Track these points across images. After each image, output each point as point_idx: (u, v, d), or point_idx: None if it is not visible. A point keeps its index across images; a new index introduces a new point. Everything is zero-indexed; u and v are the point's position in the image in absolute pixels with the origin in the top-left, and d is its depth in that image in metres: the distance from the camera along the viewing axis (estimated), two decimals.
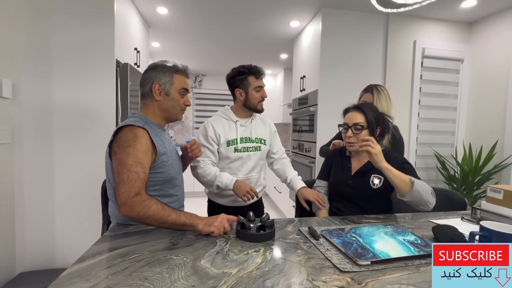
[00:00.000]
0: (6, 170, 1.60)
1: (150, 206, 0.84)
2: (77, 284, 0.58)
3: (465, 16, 2.53)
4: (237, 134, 1.33)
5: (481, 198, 2.32)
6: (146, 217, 0.84)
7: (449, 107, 2.66)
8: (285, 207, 3.50)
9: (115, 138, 0.94)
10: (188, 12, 2.56)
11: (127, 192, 0.84)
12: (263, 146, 1.40)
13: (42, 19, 1.74)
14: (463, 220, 1.10)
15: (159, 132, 1.04)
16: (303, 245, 0.82)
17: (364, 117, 1.18)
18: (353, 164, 1.27)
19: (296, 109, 3.09)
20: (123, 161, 0.88)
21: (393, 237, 0.86)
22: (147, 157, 0.93)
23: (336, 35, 2.44)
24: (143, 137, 0.93)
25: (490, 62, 2.46)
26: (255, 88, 1.32)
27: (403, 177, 1.04)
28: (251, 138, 1.36)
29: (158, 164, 0.98)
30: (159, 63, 1.08)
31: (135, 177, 0.87)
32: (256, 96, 1.33)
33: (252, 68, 1.32)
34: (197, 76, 5.04)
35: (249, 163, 1.36)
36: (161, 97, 1.04)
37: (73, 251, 1.82)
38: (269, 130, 1.45)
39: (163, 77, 1.04)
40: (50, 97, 1.78)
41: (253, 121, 1.39)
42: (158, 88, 1.03)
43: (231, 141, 1.32)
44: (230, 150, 1.32)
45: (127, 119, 1.01)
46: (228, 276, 0.62)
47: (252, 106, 1.34)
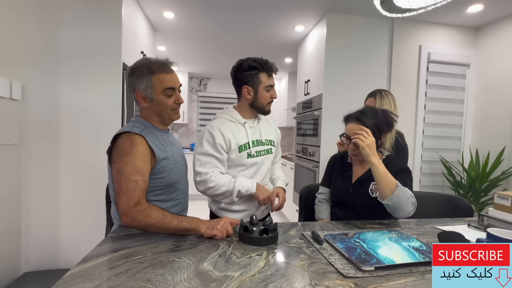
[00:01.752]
0: (14, 170, 1.63)
1: (151, 214, 0.84)
2: (80, 284, 0.58)
3: (471, 21, 2.51)
4: (248, 137, 1.17)
5: (489, 205, 2.27)
6: (147, 225, 0.84)
7: (456, 112, 2.64)
8: (288, 211, 3.48)
9: (113, 145, 0.93)
10: (194, 17, 2.59)
11: (127, 202, 0.84)
12: (273, 148, 1.28)
13: (51, 22, 1.78)
14: (470, 227, 1.08)
15: (160, 135, 1.02)
16: (306, 249, 0.81)
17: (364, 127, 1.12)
18: (354, 171, 1.23)
19: (300, 113, 3.09)
20: (121, 170, 0.88)
21: (398, 243, 0.85)
22: (146, 164, 0.92)
23: (341, 39, 2.44)
24: (140, 144, 0.92)
25: (497, 67, 2.44)
26: (266, 87, 1.16)
27: (389, 178, 1.00)
28: (262, 141, 1.22)
29: (158, 169, 0.97)
30: (137, 65, 1.00)
31: (134, 186, 0.86)
32: (266, 96, 1.17)
33: (265, 63, 1.15)
34: (202, 80, 5.08)
35: (262, 169, 1.22)
36: (147, 103, 0.99)
37: (77, 252, 1.83)
38: (275, 131, 1.34)
39: (141, 82, 0.97)
40: (58, 99, 1.81)
41: (259, 121, 1.25)
42: (140, 95, 0.98)
43: (243, 146, 1.16)
44: (243, 157, 1.16)
45: (126, 124, 1.00)
46: (230, 279, 0.62)
47: (260, 107, 1.19)
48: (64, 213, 1.86)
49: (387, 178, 1.00)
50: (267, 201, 1.15)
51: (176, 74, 1.05)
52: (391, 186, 0.99)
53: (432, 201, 1.42)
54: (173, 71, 1.03)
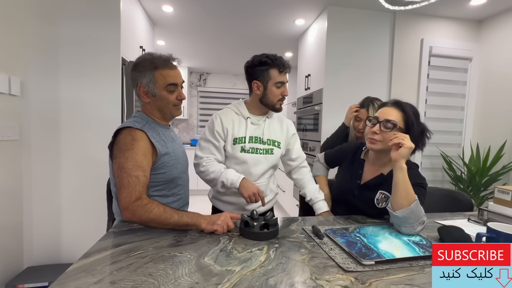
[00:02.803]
0: (14, 166, 1.63)
1: (152, 209, 0.84)
2: (82, 279, 0.59)
3: (474, 14, 2.48)
4: (246, 132, 1.18)
5: (489, 200, 2.28)
6: (148, 220, 0.85)
7: (457, 106, 2.62)
8: (288, 205, 3.50)
9: (114, 140, 0.93)
10: (193, 11, 2.56)
11: (128, 197, 0.85)
12: (276, 149, 1.23)
13: (50, 17, 1.76)
14: (470, 221, 1.08)
15: (161, 131, 1.02)
16: (306, 244, 0.82)
17: (402, 116, 0.99)
18: (365, 171, 1.12)
19: (301, 107, 3.08)
20: (122, 165, 0.88)
21: (398, 238, 0.86)
22: (147, 159, 0.92)
23: (342, 33, 2.42)
24: (141, 140, 0.92)
25: (499, 61, 2.41)
26: (276, 83, 1.15)
27: (410, 189, 0.89)
28: (262, 139, 1.20)
29: (159, 165, 0.97)
30: (140, 60, 0.99)
31: (135, 181, 0.86)
32: (276, 92, 1.16)
33: (277, 59, 1.15)
34: (201, 74, 5.04)
35: (258, 168, 1.20)
36: (149, 98, 0.99)
37: (79, 247, 1.84)
38: (285, 131, 1.27)
39: (144, 77, 0.97)
40: (57, 94, 1.81)
41: (267, 119, 1.23)
42: (143, 90, 0.98)
43: (238, 139, 1.17)
44: (236, 150, 1.17)
45: (128, 119, 0.99)
46: (231, 274, 0.62)
47: (270, 103, 1.18)
48: (65, 208, 1.86)
49: (408, 189, 0.89)
50: (254, 199, 1.07)
51: (179, 70, 1.05)
52: (410, 198, 0.88)
53: (432, 195, 1.42)
54: (176, 67, 1.03)
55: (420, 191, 0.96)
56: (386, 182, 1.02)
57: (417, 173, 1.03)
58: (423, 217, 0.89)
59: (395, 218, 0.90)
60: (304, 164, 1.33)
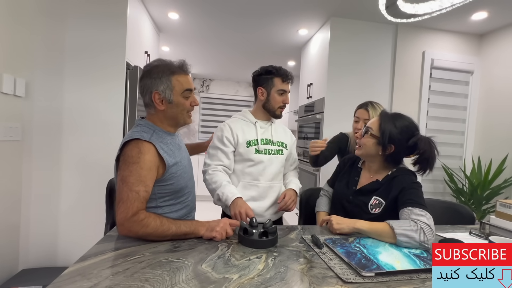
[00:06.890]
0: (16, 167, 1.63)
1: (148, 224, 0.82)
2: (78, 282, 0.58)
3: (475, 28, 2.51)
4: (257, 134, 1.26)
5: (490, 213, 2.26)
6: (145, 235, 0.82)
7: (458, 119, 2.63)
8: (288, 214, 3.47)
9: (121, 152, 0.90)
10: (199, 18, 2.61)
11: (124, 212, 0.82)
12: (284, 150, 1.31)
13: (57, 20, 1.79)
14: (471, 234, 1.07)
15: (168, 139, 0.99)
16: (305, 253, 0.81)
17: (378, 125, 1.04)
18: (362, 178, 1.13)
19: (302, 116, 3.09)
20: (125, 179, 0.86)
21: (398, 249, 0.84)
22: (151, 173, 0.89)
23: (344, 44, 2.45)
24: (148, 153, 0.88)
25: (500, 75, 2.43)
26: (278, 90, 1.25)
27: (380, 230, 0.90)
28: (272, 141, 1.28)
29: (167, 176, 0.94)
30: (153, 67, 0.96)
31: (135, 196, 0.84)
32: (278, 99, 1.26)
33: (281, 70, 1.26)
34: (204, 81, 5.09)
35: (271, 168, 1.26)
36: (164, 105, 0.96)
37: (75, 250, 1.82)
38: (290, 137, 1.39)
39: (160, 84, 0.94)
40: (61, 96, 1.82)
41: (272, 124, 1.33)
42: (158, 97, 0.94)
43: (252, 142, 1.24)
44: (251, 151, 1.23)
45: (134, 128, 0.96)
46: (229, 282, 0.62)
47: (271, 109, 1.27)
48: (63, 211, 1.85)
49: (378, 230, 0.90)
50: (239, 218, 1.05)
51: (190, 76, 1.05)
52: (386, 233, 0.89)
53: (433, 207, 1.39)
54: (189, 72, 1.03)
55: (410, 192, 0.96)
56: (381, 187, 1.04)
57: (407, 178, 1.02)
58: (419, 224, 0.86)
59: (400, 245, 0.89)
60: (295, 166, 1.43)
